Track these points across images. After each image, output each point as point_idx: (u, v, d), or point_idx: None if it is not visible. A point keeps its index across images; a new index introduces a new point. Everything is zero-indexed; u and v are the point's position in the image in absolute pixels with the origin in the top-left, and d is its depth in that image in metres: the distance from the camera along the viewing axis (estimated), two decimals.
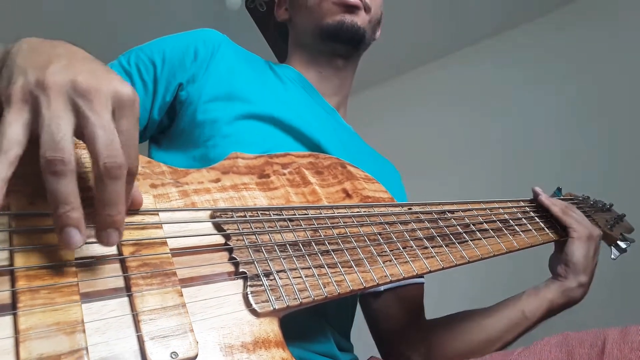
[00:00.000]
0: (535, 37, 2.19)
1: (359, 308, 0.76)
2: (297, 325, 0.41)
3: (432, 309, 0.79)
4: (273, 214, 0.44)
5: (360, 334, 0.77)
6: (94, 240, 0.33)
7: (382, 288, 0.75)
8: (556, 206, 0.69)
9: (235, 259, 0.38)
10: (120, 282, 0.32)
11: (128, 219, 0.35)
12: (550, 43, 2.12)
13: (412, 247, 0.51)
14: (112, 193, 0.29)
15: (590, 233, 0.67)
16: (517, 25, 2.26)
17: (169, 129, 0.64)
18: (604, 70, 1.92)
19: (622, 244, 0.83)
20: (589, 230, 0.67)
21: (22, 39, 0.34)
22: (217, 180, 0.46)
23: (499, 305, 0.68)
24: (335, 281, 0.42)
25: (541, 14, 2.19)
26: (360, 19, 0.72)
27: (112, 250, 0.33)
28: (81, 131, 0.29)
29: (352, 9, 0.71)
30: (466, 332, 0.68)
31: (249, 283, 0.37)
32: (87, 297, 0.30)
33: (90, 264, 0.32)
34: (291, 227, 0.44)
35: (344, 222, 0.49)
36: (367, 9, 0.74)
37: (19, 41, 0.34)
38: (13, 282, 0.28)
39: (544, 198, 0.71)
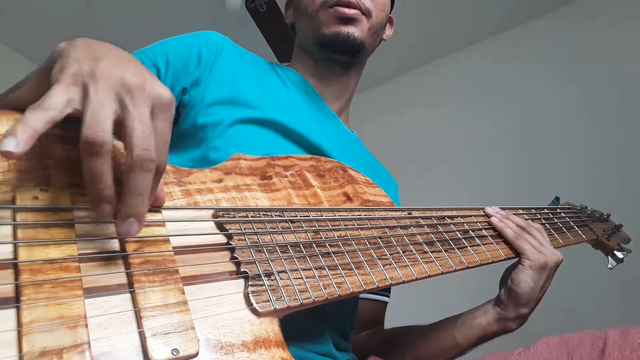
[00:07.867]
0: (535, 37, 2.20)
1: None
2: (296, 325, 0.41)
3: (432, 311, 0.79)
4: (275, 215, 0.45)
5: None
6: (97, 236, 0.33)
7: None
8: (510, 229, 0.63)
9: (237, 258, 0.38)
10: (123, 279, 0.32)
11: None
12: (550, 43, 2.14)
13: (411, 251, 0.51)
14: (140, 184, 0.31)
15: (545, 262, 0.61)
16: (517, 25, 2.28)
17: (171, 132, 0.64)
18: (604, 70, 1.93)
19: (619, 254, 0.84)
20: (544, 259, 0.61)
21: (76, 38, 0.36)
22: (220, 181, 0.46)
23: (436, 325, 0.67)
24: (335, 283, 0.42)
25: (541, 13, 2.21)
26: (359, 29, 0.70)
27: (116, 246, 0.34)
28: (120, 122, 0.30)
29: (349, 19, 0.70)
30: (398, 349, 0.68)
31: (250, 283, 0.37)
32: (90, 292, 0.30)
33: (93, 260, 0.32)
34: (292, 228, 0.44)
35: (344, 225, 0.49)
36: (367, 15, 0.72)
37: (73, 39, 0.35)
38: (17, 275, 0.28)
39: (496, 221, 0.64)
